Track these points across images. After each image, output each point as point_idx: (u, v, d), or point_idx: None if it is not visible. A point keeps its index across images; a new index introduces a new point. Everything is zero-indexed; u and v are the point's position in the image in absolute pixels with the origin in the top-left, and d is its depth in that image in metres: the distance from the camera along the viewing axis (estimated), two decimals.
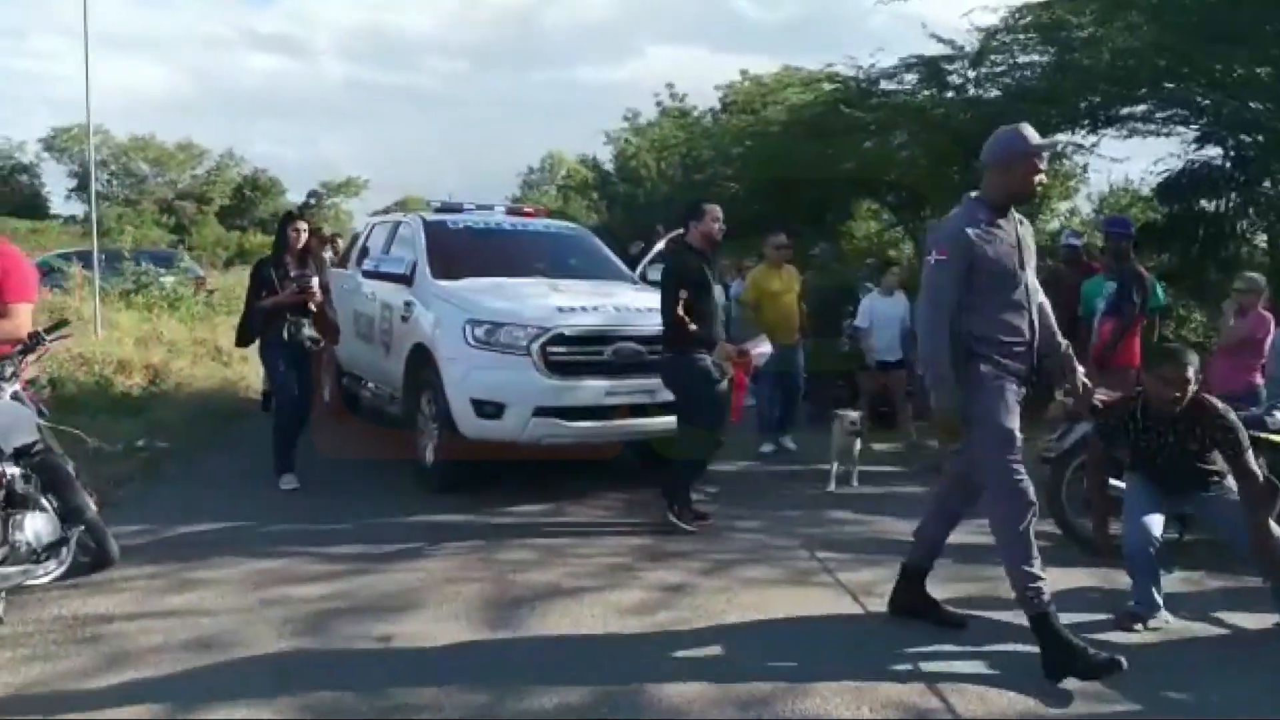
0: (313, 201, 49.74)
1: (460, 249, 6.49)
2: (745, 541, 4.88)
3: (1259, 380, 5.90)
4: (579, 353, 5.43)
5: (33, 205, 39.18)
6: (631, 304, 5.86)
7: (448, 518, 5.16)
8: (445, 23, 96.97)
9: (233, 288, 15.97)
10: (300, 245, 5.77)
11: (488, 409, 5.33)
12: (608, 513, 5.47)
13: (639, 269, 7.13)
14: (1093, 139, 11.57)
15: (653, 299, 6.15)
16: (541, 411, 5.31)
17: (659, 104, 24.15)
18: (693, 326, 4.93)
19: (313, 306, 5.70)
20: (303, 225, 5.79)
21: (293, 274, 5.67)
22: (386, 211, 8.78)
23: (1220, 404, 3.78)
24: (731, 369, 5.19)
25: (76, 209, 40.12)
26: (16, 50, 68.54)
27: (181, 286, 15.38)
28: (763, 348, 5.48)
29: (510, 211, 7.66)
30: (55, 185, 44.01)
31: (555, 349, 5.35)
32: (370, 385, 7.14)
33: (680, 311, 4.92)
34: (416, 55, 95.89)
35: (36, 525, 3.51)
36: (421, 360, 5.83)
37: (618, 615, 3.80)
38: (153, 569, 4.19)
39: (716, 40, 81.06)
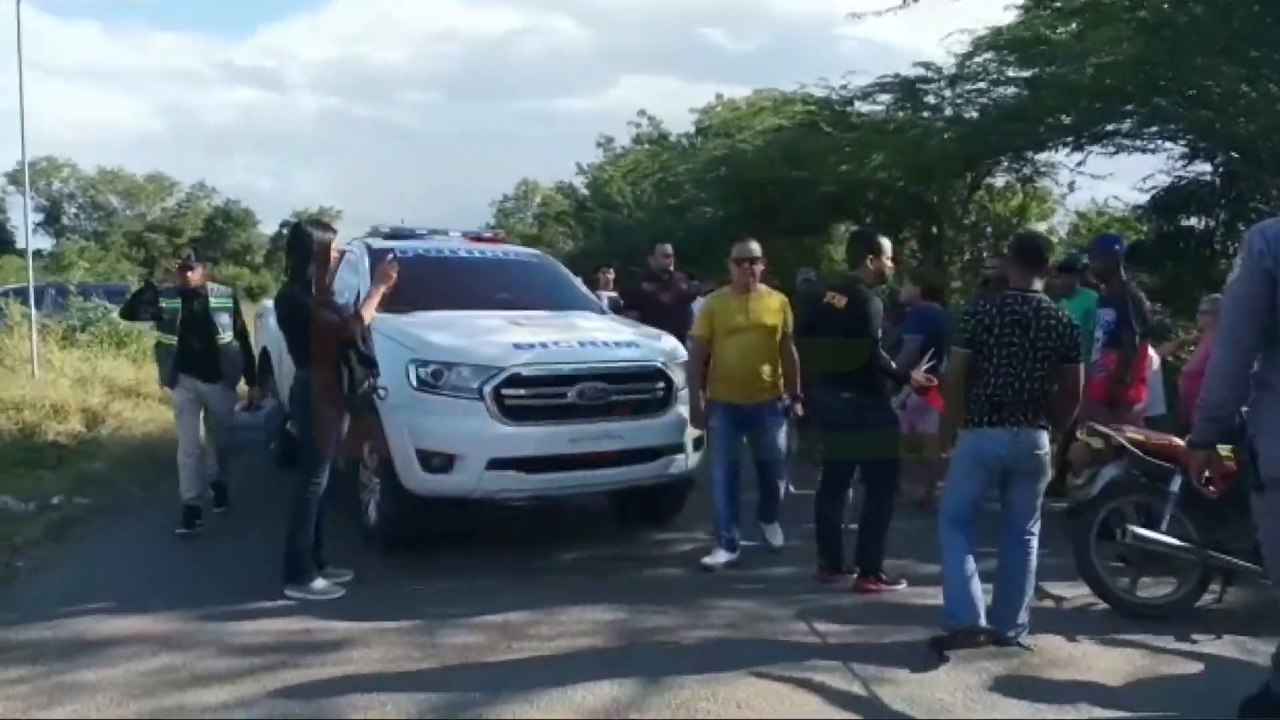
0: (284, 232, 49.04)
1: (410, 279, 5.80)
2: (730, 612, 4.23)
3: None
4: (538, 395, 4.82)
5: None
6: (598, 337, 5.27)
7: (387, 588, 4.51)
8: (418, 55, 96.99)
9: None
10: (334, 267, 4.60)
11: (435, 461, 4.69)
12: (576, 577, 4.82)
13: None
14: (1078, 156, 11.21)
15: (621, 331, 5.59)
16: (496, 464, 4.68)
17: (636, 127, 23.80)
18: (893, 365, 4.79)
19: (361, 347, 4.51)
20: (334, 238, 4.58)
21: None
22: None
23: None
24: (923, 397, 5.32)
25: (45, 243, 39.20)
26: None
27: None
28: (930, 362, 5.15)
29: (469, 237, 7.07)
30: (20, 220, 42.97)
31: (511, 391, 4.74)
32: None
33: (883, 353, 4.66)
34: (390, 87, 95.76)
35: None
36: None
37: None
38: (23, 670, 3.52)
39: (689, 70, 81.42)
